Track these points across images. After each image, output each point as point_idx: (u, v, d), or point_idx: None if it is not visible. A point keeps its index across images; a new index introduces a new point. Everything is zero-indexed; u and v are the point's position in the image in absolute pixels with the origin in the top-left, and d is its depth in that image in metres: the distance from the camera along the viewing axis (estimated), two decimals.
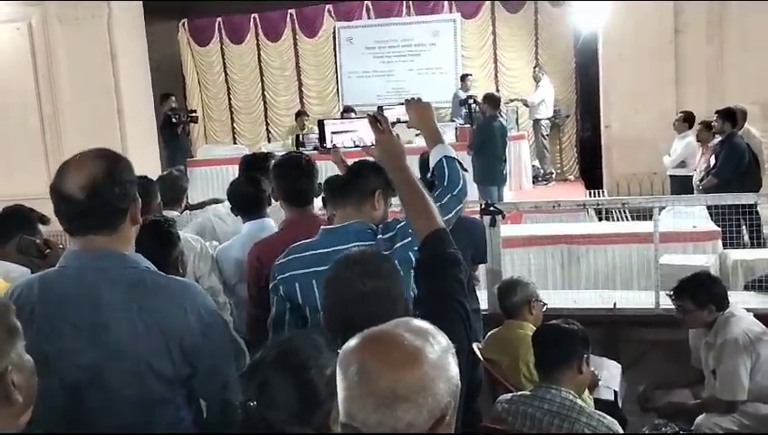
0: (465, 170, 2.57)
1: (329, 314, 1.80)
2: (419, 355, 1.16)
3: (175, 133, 10.31)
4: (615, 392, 3.62)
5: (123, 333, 1.81)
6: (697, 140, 8.15)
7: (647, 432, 1.80)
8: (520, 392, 2.95)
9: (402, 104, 2.68)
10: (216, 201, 4.40)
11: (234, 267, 3.37)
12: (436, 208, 2.04)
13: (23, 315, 1.78)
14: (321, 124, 2.40)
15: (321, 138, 2.40)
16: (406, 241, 2.37)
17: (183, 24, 13.38)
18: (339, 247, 2.21)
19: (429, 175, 2.64)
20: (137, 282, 1.85)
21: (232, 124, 13.70)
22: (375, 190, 2.47)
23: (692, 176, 8.37)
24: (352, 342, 1.21)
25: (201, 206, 4.46)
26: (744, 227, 5.84)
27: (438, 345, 1.20)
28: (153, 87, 11.45)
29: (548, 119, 11.32)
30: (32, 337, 1.79)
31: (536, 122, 11.26)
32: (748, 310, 3.81)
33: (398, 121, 2.79)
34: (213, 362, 1.92)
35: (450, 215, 2.45)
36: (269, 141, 12.55)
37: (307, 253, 2.41)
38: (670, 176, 8.68)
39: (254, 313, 3.08)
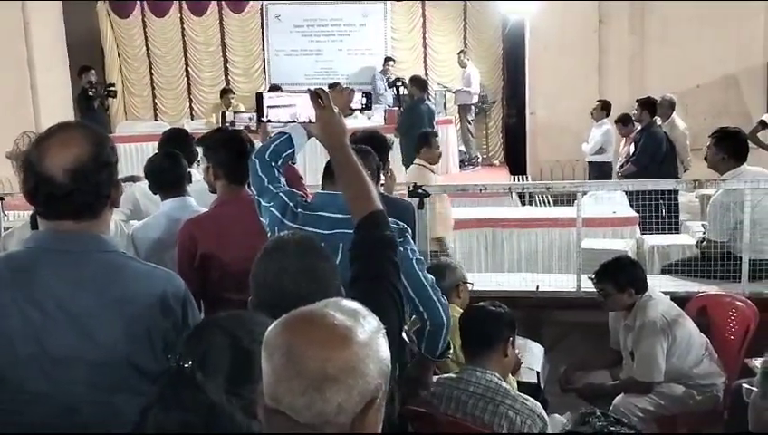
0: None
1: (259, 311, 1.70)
2: (349, 334, 1.11)
3: (91, 107, 9.87)
4: (537, 374, 3.68)
5: (100, 322, 1.65)
6: (620, 133, 8.37)
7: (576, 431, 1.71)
8: (446, 375, 2.94)
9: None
10: (133, 178, 4.21)
11: (152, 248, 3.20)
12: (375, 189, 1.98)
13: None
14: (259, 97, 2.28)
15: (259, 112, 2.28)
16: None
17: None
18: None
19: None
20: (116, 267, 1.70)
21: (153, 100, 13.21)
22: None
23: (610, 162, 8.64)
24: (278, 322, 1.15)
25: None
26: (662, 212, 6.02)
27: (369, 325, 1.15)
28: (69, 60, 10.98)
29: (473, 104, 11.38)
30: None
31: (462, 108, 11.32)
32: (664, 293, 3.92)
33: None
34: None
35: None
36: (192, 118, 12.18)
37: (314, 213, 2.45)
38: (589, 162, 8.94)
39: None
